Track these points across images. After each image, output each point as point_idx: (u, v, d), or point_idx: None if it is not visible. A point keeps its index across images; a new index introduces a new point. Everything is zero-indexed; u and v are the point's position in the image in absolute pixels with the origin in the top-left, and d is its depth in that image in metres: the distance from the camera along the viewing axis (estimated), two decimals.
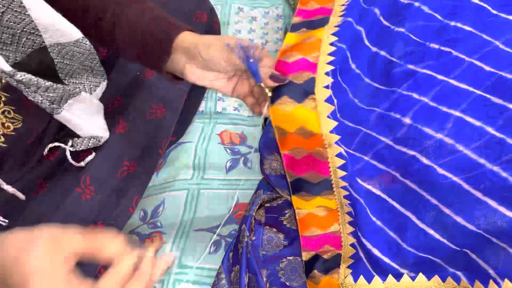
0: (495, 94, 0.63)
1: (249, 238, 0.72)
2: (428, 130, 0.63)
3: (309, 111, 0.61)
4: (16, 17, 0.48)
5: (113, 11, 0.56)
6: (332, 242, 0.68)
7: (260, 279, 0.67)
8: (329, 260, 0.67)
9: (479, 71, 0.66)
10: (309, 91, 0.61)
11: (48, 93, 0.51)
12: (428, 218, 0.62)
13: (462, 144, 0.61)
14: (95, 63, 0.61)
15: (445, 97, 0.65)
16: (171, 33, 0.54)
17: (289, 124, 0.62)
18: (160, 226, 0.82)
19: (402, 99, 0.66)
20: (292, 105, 0.60)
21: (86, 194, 0.59)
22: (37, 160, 0.60)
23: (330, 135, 0.62)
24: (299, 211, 0.70)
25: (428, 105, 0.65)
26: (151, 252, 0.38)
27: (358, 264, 0.64)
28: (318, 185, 0.67)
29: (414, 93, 0.66)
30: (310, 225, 0.69)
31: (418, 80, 0.67)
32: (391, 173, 0.64)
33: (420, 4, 0.74)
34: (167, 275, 0.77)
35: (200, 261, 0.78)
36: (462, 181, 0.60)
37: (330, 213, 0.68)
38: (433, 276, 0.61)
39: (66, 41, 0.54)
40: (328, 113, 0.62)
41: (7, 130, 0.53)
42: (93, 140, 0.61)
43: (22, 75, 0.48)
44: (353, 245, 0.67)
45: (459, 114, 0.63)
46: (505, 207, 0.57)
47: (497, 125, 0.61)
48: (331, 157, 0.64)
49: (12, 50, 0.49)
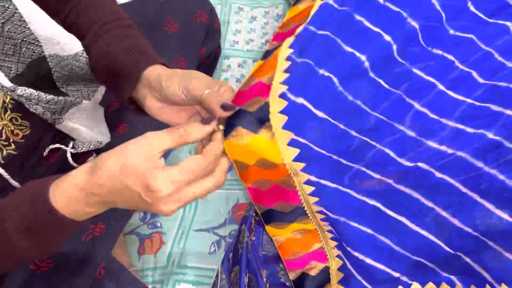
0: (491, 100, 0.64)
1: (249, 238, 0.72)
2: (431, 142, 0.62)
3: (267, 141, 0.55)
4: (16, 29, 0.48)
5: (94, 32, 0.55)
6: (317, 257, 0.66)
7: (260, 279, 0.67)
8: (317, 275, 0.65)
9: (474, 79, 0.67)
10: (264, 118, 0.55)
11: (49, 105, 0.52)
12: (424, 221, 0.61)
13: (459, 147, 0.61)
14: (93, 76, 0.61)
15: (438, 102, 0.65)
16: (140, 65, 0.52)
17: (247, 157, 0.56)
18: (160, 226, 0.82)
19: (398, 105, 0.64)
20: (248, 136, 0.54)
21: None
22: (36, 160, 0.60)
23: (294, 163, 0.57)
24: (276, 238, 0.67)
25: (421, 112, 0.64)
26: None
27: (349, 279, 0.62)
28: (291, 213, 0.63)
29: (409, 99, 0.65)
30: (291, 249, 0.66)
31: (412, 86, 0.66)
32: (383, 179, 0.62)
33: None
34: (167, 275, 0.77)
35: (200, 261, 0.78)
36: (459, 183, 0.60)
37: (309, 234, 0.65)
38: (427, 283, 0.60)
39: (65, 54, 0.54)
40: (287, 141, 0.56)
41: (16, 137, 0.53)
42: (95, 143, 0.61)
43: (22, 90, 0.48)
44: (340, 256, 0.64)
45: (453, 124, 0.63)
46: (501, 210, 0.57)
47: (494, 129, 0.61)
48: (299, 185, 0.59)
49: (14, 61, 0.49)
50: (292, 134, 0.56)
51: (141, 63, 0.52)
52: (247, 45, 1.08)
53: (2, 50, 0.48)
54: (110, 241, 0.63)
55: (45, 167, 0.61)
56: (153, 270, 0.78)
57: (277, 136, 0.55)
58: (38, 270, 0.55)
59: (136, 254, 0.79)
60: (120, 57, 0.52)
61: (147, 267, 0.78)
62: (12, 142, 0.52)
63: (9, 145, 0.52)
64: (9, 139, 0.52)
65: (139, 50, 0.53)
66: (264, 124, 0.55)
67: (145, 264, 0.78)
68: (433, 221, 0.60)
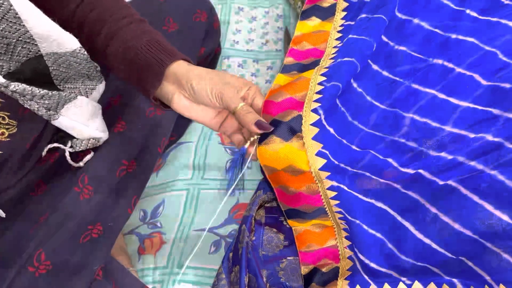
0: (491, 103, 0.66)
1: (249, 238, 0.72)
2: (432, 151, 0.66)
3: (297, 149, 0.61)
4: (11, 27, 0.46)
5: (109, 27, 0.55)
6: (330, 255, 0.68)
7: (260, 279, 0.67)
8: (327, 273, 0.68)
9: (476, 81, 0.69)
10: (296, 129, 0.61)
11: (44, 100, 0.51)
12: (426, 228, 0.62)
13: (459, 150, 0.63)
14: (92, 71, 0.60)
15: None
16: (165, 60, 0.52)
17: (277, 163, 0.62)
18: (160, 226, 0.82)
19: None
20: (280, 144, 0.60)
21: (85, 194, 0.59)
22: (35, 161, 0.60)
23: (319, 172, 0.62)
24: (295, 228, 0.70)
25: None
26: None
27: (355, 275, 0.65)
28: (313, 213, 0.67)
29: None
30: (307, 241, 0.70)
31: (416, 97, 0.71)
32: (392, 185, 0.65)
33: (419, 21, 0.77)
34: (167, 275, 0.77)
35: (200, 261, 0.78)
36: (459, 185, 0.60)
37: (326, 230, 0.69)
38: (428, 284, 0.61)
39: (62, 51, 0.53)
40: (316, 151, 0.62)
41: (2, 136, 0.52)
42: (93, 141, 0.61)
43: (16, 86, 0.47)
44: (351, 257, 0.67)
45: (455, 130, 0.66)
46: (500, 211, 0.57)
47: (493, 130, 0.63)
48: (322, 190, 0.64)
49: (6, 60, 0.48)
50: (321, 145, 0.62)
51: (164, 59, 0.52)
52: (247, 45, 1.08)
53: None
54: (108, 242, 0.63)
55: (45, 167, 0.61)
56: (153, 270, 0.77)
57: (307, 146, 0.61)
58: (36, 272, 0.54)
59: (136, 254, 0.79)
60: (141, 54, 0.53)
61: (147, 267, 0.78)
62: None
63: None
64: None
65: (160, 46, 0.54)
66: (296, 134, 0.61)
67: (145, 264, 0.78)
68: (435, 227, 0.62)
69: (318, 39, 0.80)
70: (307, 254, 0.69)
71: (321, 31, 0.82)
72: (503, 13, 0.75)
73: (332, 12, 0.86)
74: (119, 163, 0.63)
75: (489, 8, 0.77)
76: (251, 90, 0.55)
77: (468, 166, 0.61)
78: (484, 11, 0.77)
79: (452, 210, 0.60)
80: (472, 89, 0.70)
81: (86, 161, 0.61)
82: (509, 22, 0.74)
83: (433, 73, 0.74)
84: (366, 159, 0.66)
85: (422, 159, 0.65)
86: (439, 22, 0.79)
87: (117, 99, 0.67)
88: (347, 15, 0.84)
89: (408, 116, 0.70)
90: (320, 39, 0.79)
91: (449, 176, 0.62)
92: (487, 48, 0.72)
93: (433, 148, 0.66)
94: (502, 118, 0.64)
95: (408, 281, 0.62)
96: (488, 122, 0.64)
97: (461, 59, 0.73)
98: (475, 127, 0.65)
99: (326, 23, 0.84)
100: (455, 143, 0.65)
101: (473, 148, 0.63)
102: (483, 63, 0.71)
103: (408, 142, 0.68)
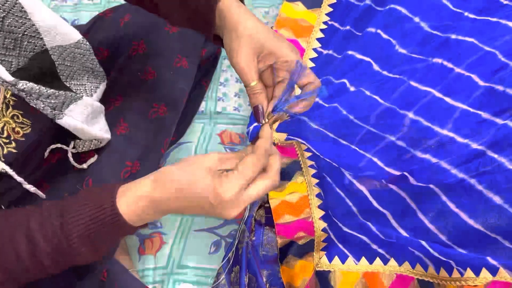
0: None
1: (249, 238, 0.72)
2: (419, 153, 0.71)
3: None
4: (17, 21, 0.47)
5: None
6: (305, 228, 0.71)
7: (260, 279, 0.67)
8: (303, 245, 0.70)
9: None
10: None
11: (50, 100, 0.51)
12: (431, 213, 0.66)
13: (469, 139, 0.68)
14: (95, 64, 0.61)
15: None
16: (211, 2, 0.47)
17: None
18: (160, 226, 0.82)
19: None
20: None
21: None
22: (37, 161, 0.60)
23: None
24: (272, 200, 0.73)
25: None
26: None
27: (331, 246, 0.69)
28: (288, 167, 0.74)
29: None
30: (283, 213, 0.73)
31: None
32: (405, 175, 0.69)
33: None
34: (167, 275, 0.77)
35: (200, 261, 0.78)
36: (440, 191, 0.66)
37: (301, 199, 0.73)
38: (403, 262, 0.66)
39: (66, 44, 0.53)
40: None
41: (17, 135, 0.52)
42: (95, 142, 0.61)
43: (24, 84, 0.47)
44: (325, 229, 0.71)
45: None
46: (474, 220, 0.63)
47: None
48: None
49: (15, 55, 0.49)
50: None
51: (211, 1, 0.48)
52: None
53: (2, 45, 0.47)
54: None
55: (47, 168, 0.61)
56: (153, 270, 0.78)
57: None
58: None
59: (137, 254, 0.79)
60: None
61: (147, 267, 0.78)
62: (13, 140, 0.52)
63: (9, 142, 0.51)
64: (10, 137, 0.51)
65: None
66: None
67: (145, 264, 0.78)
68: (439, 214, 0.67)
69: (301, 31, 0.81)
70: (283, 227, 0.72)
71: (305, 23, 0.83)
72: (503, 13, 0.75)
73: (318, 3, 0.87)
74: (123, 165, 0.63)
75: (489, 8, 0.78)
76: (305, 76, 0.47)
77: (451, 173, 0.65)
78: (483, 11, 0.78)
79: (459, 200, 0.65)
80: (470, 90, 0.70)
81: (90, 164, 0.61)
82: (508, 22, 0.74)
83: (433, 72, 0.75)
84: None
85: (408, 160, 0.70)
86: (439, 23, 0.80)
87: (118, 100, 0.67)
88: (334, 13, 0.83)
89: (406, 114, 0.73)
90: (303, 33, 0.81)
91: (431, 180, 0.66)
92: (487, 49, 0.72)
93: (421, 150, 0.70)
94: (488, 122, 0.67)
95: (384, 252, 0.67)
96: (479, 126, 0.68)
97: (460, 59, 0.74)
98: (465, 131, 0.68)
99: (311, 12, 0.84)
100: (443, 147, 0.69)
101: (458, 155, 0.66)
102: (482, 63, 0.71)
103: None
